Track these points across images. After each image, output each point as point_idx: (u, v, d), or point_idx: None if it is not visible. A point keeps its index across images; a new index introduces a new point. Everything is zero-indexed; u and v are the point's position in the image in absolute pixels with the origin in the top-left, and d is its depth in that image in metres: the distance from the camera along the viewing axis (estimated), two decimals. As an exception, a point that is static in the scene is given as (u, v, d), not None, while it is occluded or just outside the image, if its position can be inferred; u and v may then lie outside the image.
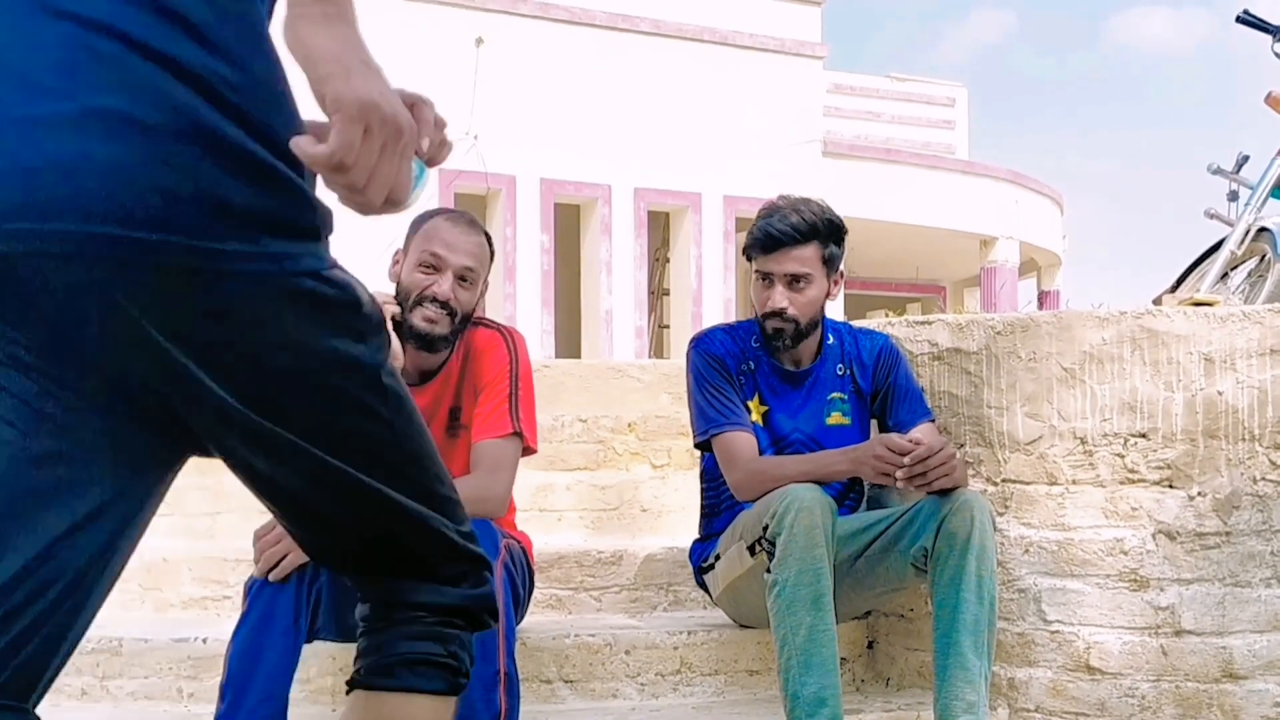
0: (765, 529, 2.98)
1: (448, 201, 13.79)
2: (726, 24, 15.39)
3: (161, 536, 4.68)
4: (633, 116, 14.68)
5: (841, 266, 3.35)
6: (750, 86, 15.37)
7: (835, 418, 3.32)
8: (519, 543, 3.12)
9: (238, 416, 1.47)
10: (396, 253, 3.13)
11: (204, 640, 3.34)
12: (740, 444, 3.22)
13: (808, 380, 3.36)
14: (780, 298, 3.24)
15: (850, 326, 3.48)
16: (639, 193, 14.76)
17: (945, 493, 3.03)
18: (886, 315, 3.86)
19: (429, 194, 13.50)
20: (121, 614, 4.01)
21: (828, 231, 3.26)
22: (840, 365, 3.37)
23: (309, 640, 2.92)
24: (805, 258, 3.24)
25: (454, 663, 1.68)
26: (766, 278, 3.27)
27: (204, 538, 4.64)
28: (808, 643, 2.89)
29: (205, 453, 1.58)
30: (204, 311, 1.39)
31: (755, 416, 3.34)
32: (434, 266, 3.02)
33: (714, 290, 15.07)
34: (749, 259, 3.32)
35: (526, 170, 14.17)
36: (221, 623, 3.78)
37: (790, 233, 3.22)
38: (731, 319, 14.67)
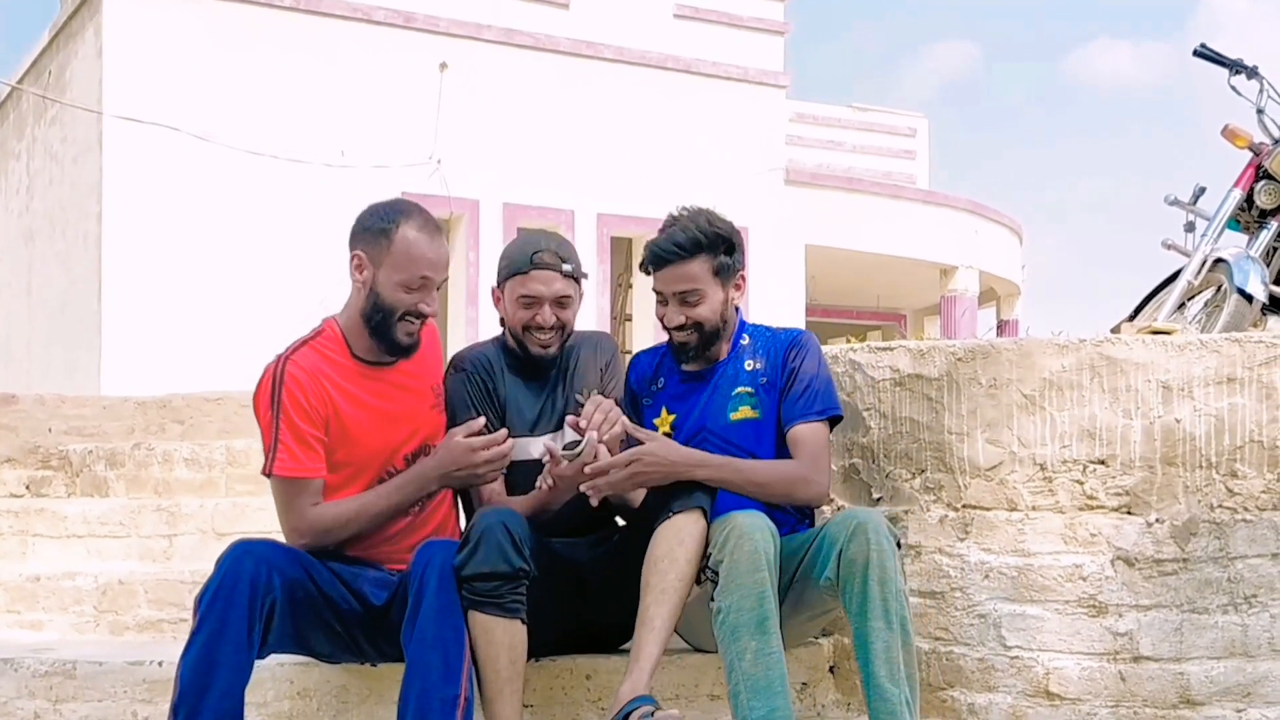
0: (708, 557, 3.01)
1: (410, 225, 13.74)
2: (689, 52, 15.46)
3: (117, 559, 4.65)
4: (596, 143, 14.71)
5: (742, 270, 3.37)
6: (713, 114, 15.43)
7: (742, 412, 3.32)
8: None
9: None
10: (355, 257, 3.14)
11: (160, 663, 3.30)
12: None
13: (711, 379, 3.39)
14: (675, 314, 3.31)
15: (770, 328, 3.48)
16: (602, 218, 14.79)
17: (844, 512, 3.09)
18: (849, 341, 3.87)
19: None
20: (76, 637, 3.97)
21: (714, 243, 3.29)
22: (750, 361, 3.38)
23: (261, 656, 2.89)
24: (694, 274, 3.28)
25: None
26: (661, 295, 3.35)
27: (160, 560, 4.60)
28: (754, 667, 2.90)
29: None
30: None
31: (665, 429, 3.38)
32: (421, 287, 3.09)
33: (676, 316, 15.08)
34: (647, 274, 3.38)
35: (490, 195, 14.16)
36: (178, 645, 3.74)
37: (675, 250, 3.27)
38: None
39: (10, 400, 6.57)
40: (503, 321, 3.39)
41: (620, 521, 3.46)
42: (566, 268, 3.29)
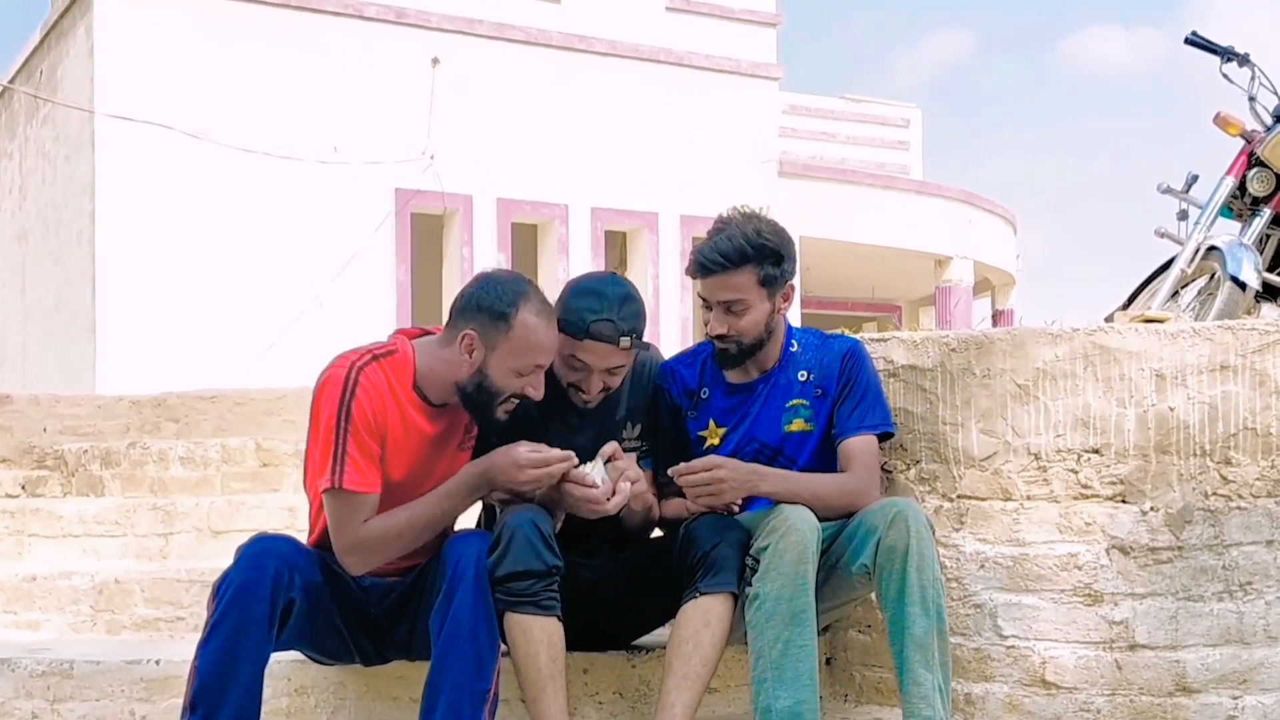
0: (750, 545, 3.01)
1: (404, 221, 13.76)
2: (682, 45, 15.45)
3: (113, 558, 4.65)
4: (589, 137, 14.70)
5: (791, 280, 3.28)
6: (706, 107, 15.43)
7: (797, 424, 3.27)
8: None
9: None
10: (467, 337, 2.97)
11: (157, 662, 3.30)
12: None
13: (761, 389, 3.31)
14: (719, 323, 3.21)
15: (820, 333, 3.42)
16: (596, 212, 14.78)
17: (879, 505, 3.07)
18: (843, 333, 3.86)
19: (388, 210, 13.49)
20: (73, 636, 3.97)
21: (761, 255, 3.18)
22: (804, 372, 3.30)
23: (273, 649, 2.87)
24: (738, 284, 3.17)
25: None
26: (705, 301, 3.25)
27: (156, 558, 4.60)
28: (784, 657, 2.90)
29: None
30: None
31: (715, 440, 3.33)
32: (533, 372, 3.00)
33: (671, 309, 15.11)
34: (693, 278, 3.29)
35: (483, 190, 14.16)
36: (175, 644, 3.75)
37: (720, 261, 3.17)
38: (689, 337, 14.72)
39: (5, 400, 6.57)
40: None
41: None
42: (625, 342, 3.09)
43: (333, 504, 2.94)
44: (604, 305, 3.08)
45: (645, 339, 3.32)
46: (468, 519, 3.29)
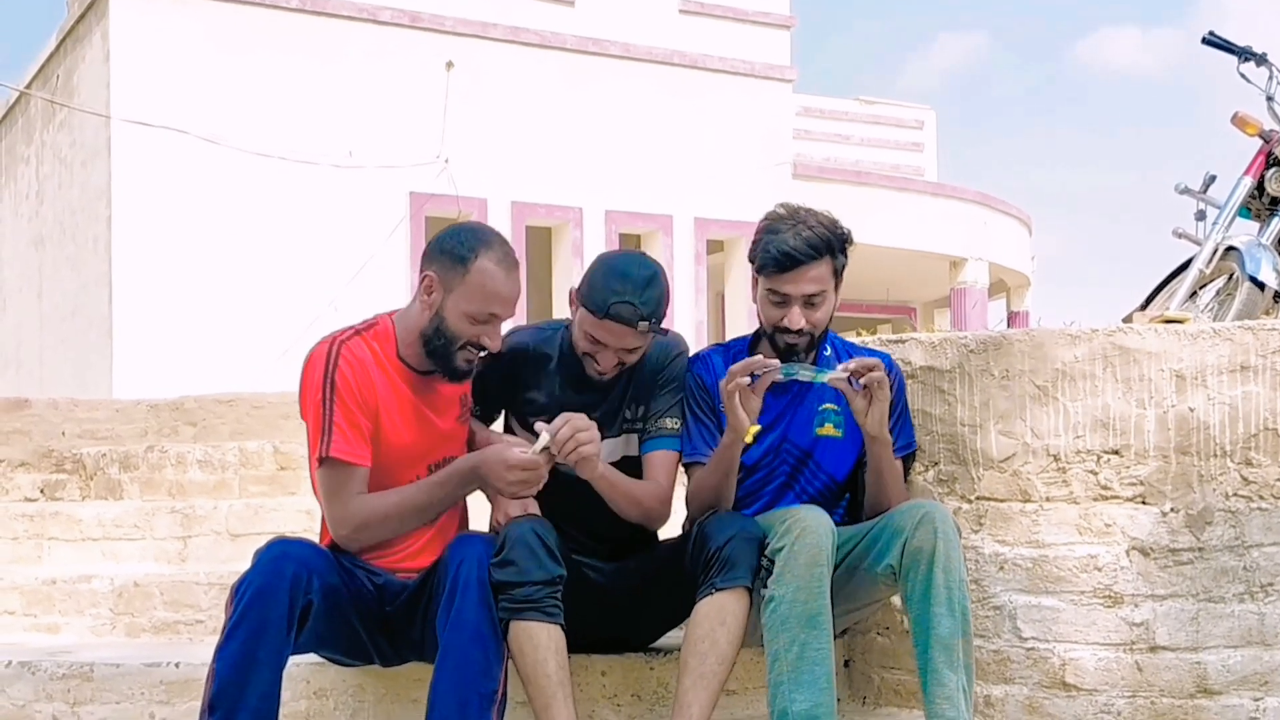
0: (765, 545, 3.00)
1: (419, 225, 13.78)
2: (696, 48, 15.46)
3: (132, 561, 4.66)
4: (603, 140, 14.71)
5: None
6: (720, 110, 15.43)
7: (827, 429, 3.27)
8: None
9: None
10: (427, 278, 3.00)
11: (176, 665, 3.31)
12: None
13: (795, 388, 3.28)
14: (798, 318, 3.18)
15: (853, 344, 3.44)
16: (610, 215, 14.79)
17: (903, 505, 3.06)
18: (859, 334, 3.86)
19: (403, 214, 13.51)
20: (93, 639, 3.98)
21: (838, 244, 3.23)
22: None
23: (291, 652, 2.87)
24: (820, 275, 3.18)
25: None
26: (782, 297, 3.19)
27: (175, 561, 4.62)
28: (800, 660, 2.89)
29: None
30: None
31: (749, 439, 3.31)
32: (488, 321, 3.02)
33: (685, 313, 15.09)
34: (760, 274, 3.23)
35: (498, 193, 14.17)
36: (194, 647, 3.76)
37: (809, 252, 3.16)
38: (703, 342, 14.71)
39: (23, 404, 6.59)
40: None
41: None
42: (643, 325, 3.08)
43: (323, 476, 2.97)
44: (627, 288, 3.07)
45: None
46: (480, 519, 3.29)
